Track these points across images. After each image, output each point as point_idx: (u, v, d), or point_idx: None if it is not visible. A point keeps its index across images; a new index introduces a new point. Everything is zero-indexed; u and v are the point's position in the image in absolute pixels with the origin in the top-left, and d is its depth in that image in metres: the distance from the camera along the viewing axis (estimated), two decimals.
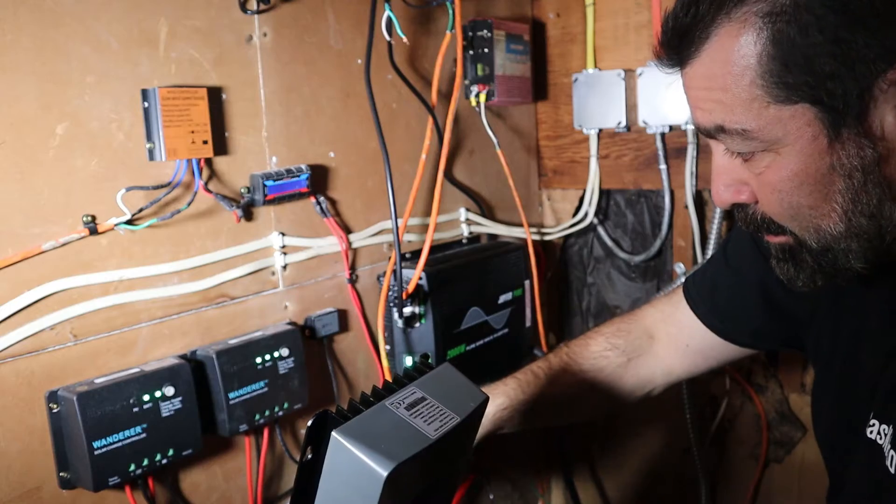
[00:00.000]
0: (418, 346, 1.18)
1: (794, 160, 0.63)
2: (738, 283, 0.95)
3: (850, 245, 0.65)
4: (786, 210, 0.66)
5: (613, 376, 1.04)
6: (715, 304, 0.98)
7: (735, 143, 0.65)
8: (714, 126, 0.66)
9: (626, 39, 1.46)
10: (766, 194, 0.67)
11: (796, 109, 0.61)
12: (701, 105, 0.66)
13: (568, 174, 1.59)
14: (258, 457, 1.07)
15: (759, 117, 0.62)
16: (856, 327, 0.78)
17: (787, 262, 0.70)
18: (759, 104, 0.62)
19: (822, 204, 0.64)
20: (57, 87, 0.85)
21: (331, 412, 0.66)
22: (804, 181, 0.64)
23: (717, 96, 0.64)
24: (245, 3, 1.02)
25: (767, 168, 0.65)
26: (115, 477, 0.87)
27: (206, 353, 0.97)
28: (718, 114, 0.65)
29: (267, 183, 1.03)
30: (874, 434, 0.72)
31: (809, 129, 0.61)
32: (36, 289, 0.85)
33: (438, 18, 1.30)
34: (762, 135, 0.63)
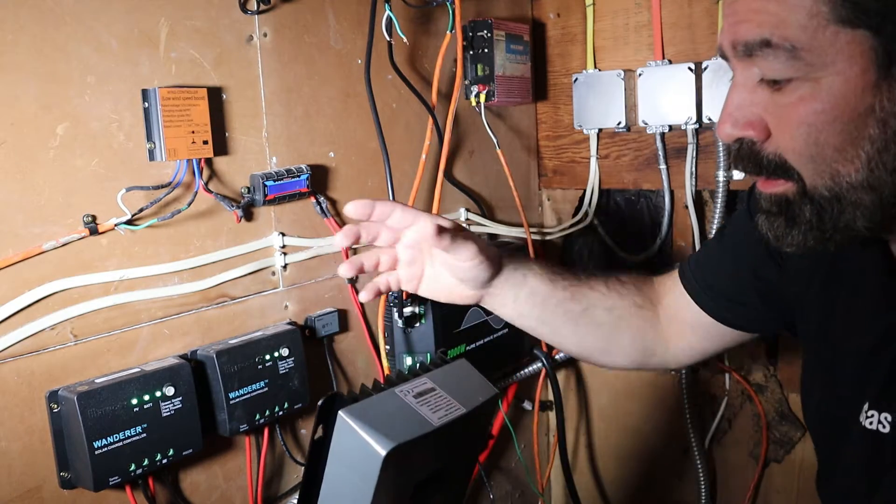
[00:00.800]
0: (418, 346, 1.18)
1: (834, 92, 0.58)
2: (733, 266, 0.92)
3: (863, 198, 0.61)
4: (809, 147, 0.61)
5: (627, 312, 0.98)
6: (708, 285, 0.95)
7: (777, 62, 0.60)
8: (760, 40, 0.60)
9: (626, 39, 1.46)
10: (790, 128, 0.62)
11: (856, 35, 0.57)
12: (750, 16, 0.60)
13: (568, 174, 1.59)
14: (258, 457, 1.07)
15: (813, 36, 0.57)
16: (848, 309, 0.77)
17: (780, 216, 0.66)
18: (818, 22, 0.57)
19: (848, 147, 0.60)
20: (57, 87, 0.85)
21: (341, 393, 0.68)
22: (838, 117, 0.59)
23: (773, 7, 0.59)
24: (245, 4, 1.02)
25: (801, 99, 0.60)
26: (116, 477, 0.87)
27: (207, 353, 0.97)
28: (768, 27, 0.59)
29: (267, 183, 1.03)
30: (874, 424, 0.70)
31: (861, 60, 0.57)
32: (36, 289, 0.85)
33: (438, 18, 1.30)
34: (811, 56, 0.58)
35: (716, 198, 1.38)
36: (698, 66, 1.37)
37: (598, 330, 0.98)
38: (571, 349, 1.01)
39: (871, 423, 0.71)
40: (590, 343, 0.99)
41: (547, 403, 1.65)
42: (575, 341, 0.99)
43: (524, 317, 0.96)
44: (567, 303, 0.96)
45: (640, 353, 1.00)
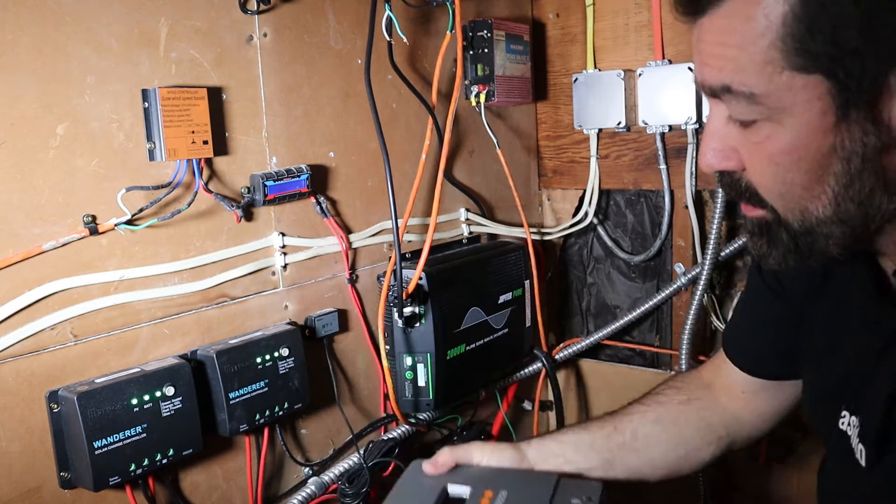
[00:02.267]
0: (418, 346, 1.18)
1: (796, 133, 0.60)
2: (758, 322, 0.95)
3: (833, 230, 0.63)
4: (777, 185, 0.64)
5: (675, 412, 0.98)
6: (744, 348, 0.97)
7: (739, 106, 0.62)
8: (720, 85, 0.62)
9: (626, 39, 1.46)
10: (759, 166, 0.64)
11: (810, 80, 0.58)
12: (711, 61, 0.62)
13: (568, 174, 1.59)
14: (258, 457, 1.07)
15: (770, 82, 0.59)
16: (836, 317, 0.79)
17: (762, 237, 0.68)
18: (772, 68, 0.58)
19: (814, 185, 0.62)
20: (57, 87, 0.85)
21: None
22: (802, 157, 0.61)
23: (731, 53, 0.60)
24: (245, 4, 1.02)
25: (767, 138, 0.62)
26: (116, 477, 0.87)
27: (207, 353, 0.97)
28: (728, 73, 0.61)
29: (267, 183, 1.03)
30: (844, 424, 0.73)
31: (819, 103, 0.58)
32: (36, 289, 0.85)
33: (438, 18, 1.30)
34: (769, 101, 0.60)
35: (716, 198, 1.38)
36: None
37: (659, 445, 0.98)
38: (655, 474, 1.01)
39: (843, 423, 0.73)
40: (663, 461, 0.99)
41: (547, 403, 1.65)
42: (650, 467, 1.00)
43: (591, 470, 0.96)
44: (614, 436, 0.97)
45: (716, 440, 0.99)
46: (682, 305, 1.49)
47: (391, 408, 1.18)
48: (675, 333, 1.53)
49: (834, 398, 0.76)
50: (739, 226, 1.47)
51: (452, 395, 1.26)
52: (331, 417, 1.19)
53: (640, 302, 1.53)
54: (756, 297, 0.95)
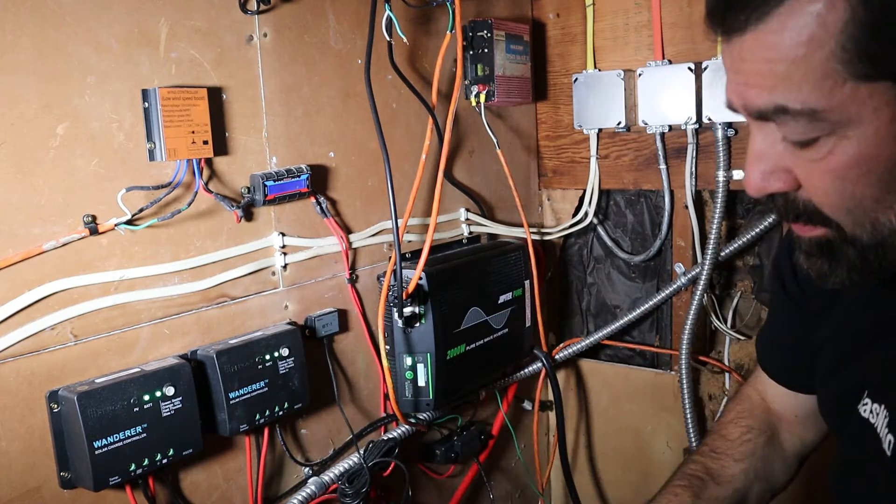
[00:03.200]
0: (418, 346, 1.18)
1: (864, 144, 0.55)
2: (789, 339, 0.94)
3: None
4: (845, 201, 0.59)
5: (766, 459, 0.99)
6: (783, 365, 0.96)
7: (798, 127, 0.57)
8: (773, 107, 0.56)
9: (626, 40, 1.46)
10: (822, 183, 0.59)
11: (877, 87, 0.53)
12: (757, 81, 0.57)
13: (568, 174, 1.59)
14: (258, 457, 1.07)
15: (831, 96, 0.54)
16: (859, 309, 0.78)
17: (822, 257, 0.64)
18: (833, 81, 0.53)
19: (885, 196, 0.57)
20: (57, 87, 0.85)
21: None
22: (872, 168, 0.56)
23: (783, 70, 0.55)
24: (245, 4, 1.02)
25: (830, 153, 0.57)
26: (116, 476, 0.87)
27: (207, 353, 0.97)
28: (781, 92, 0.55)
29: (267, 183, 1.03)
30: (867, 412, 0.72)
31: (888, 109, 0.54)
32: (36, 289, 0.85)
33: (438, 18, 1.30)
34: (833, 116, 0.55)
35: (716, 198, 1.38)
36: (698, 66, 1.37)
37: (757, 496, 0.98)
38: None
39: (864, 410, 0.72)
40: None
41: (547, 403, 1.65)
42: None
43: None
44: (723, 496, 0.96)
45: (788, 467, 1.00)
46: (682, 305, 1.49)
47: (391, 408, 1.18)
48: (675, 333, 1.53)
49: (853, 386, 0.75)
50: (739, 226, 1.47)
51: (452, 395, 1.26)
52: (331, 417, 1.19)
53: (640, 302, 1.53)
54: (782, 312, 0.95)
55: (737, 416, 1.01)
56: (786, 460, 1.00)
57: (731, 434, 1.00)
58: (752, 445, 0.98)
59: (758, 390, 1.02)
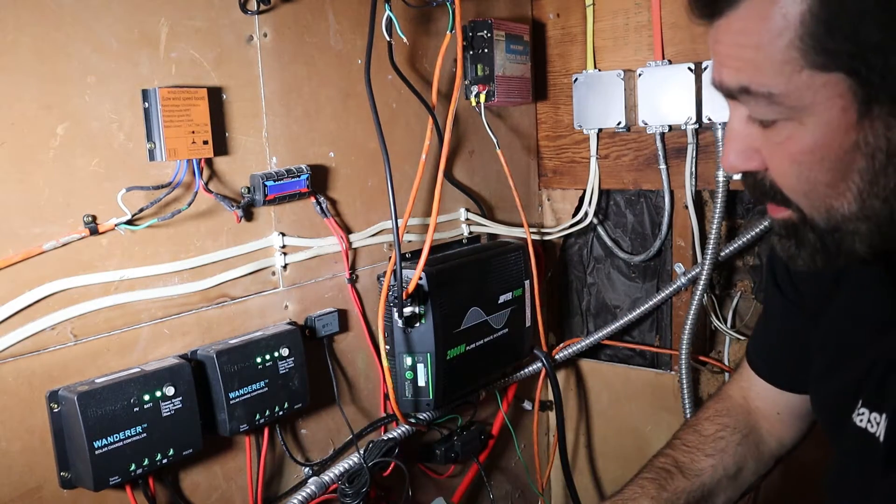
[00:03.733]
0: (418, 346, 1.18)
1: (818, 132, 0.59)
2: (782, 337, 0.95)
3: (859, 227, 0.62)
4: (801, 184, 0.63)
5: (739, 457, 0.99)
6: (774, 362, 0.97)
7: (758, 107, 0.61)
8: (739, 86, 0.61)
9: (626, 40, 1.46)
10: (782, 165, 0.63)
11: (830, 78, 0.57)
12: (728, 62, 0.62)
13: (568, 174, 1.59)
14: (258, 457, 1.07)
15: (788, 82, 0.58)
16: (853, 316, 0.78)
17: (789, 238, 0.68)
18: (791, 67, 0.58)
19: (838, 182, 0.61)
20: (58, 87, 0.85)
21: None
22: (825, 156, 0.60)
23: (749, 54, 0.60)
24: (245, 4, 1.02)
25: (788, 138, 0.61)
26: (116, 476, 0.87)
27: (207, 353, 0.97)
28: (746, 73, 0.60)
29: (267, 183, 1.03)
30: (864, 422, 0.72)
31: (840, 100, 0.57)
32: (36, 289, 0.85)
33: (438, 18, 1.30)
34: (789, 101, 0.59)
35: (716, 198, 1.38)
36: (698, 66, 1.37)
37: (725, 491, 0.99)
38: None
39: (861, 420, 0.72)
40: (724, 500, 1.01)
41: (547, 403, 1.65)
42: None
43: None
44: None
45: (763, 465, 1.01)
46: (682, 305, 1.49)
47: (391, 408, 1.18)
48: (674, 333, 1.53)
49: (848, 393, 0.75)
50: (739, 226, 1.47)
51: (452, 395, 1.26)
52: (331, 417, 1.19)
53: (640, 302, 1.53)
54: (776, 309, 0.95)
55: (714, 414, 1.02)
56: (759, 460, 1.00)
57: (706, 430, 1.01)
58: (724, 442, 0.99)
59: (741, 387, 1.02)
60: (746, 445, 0.99)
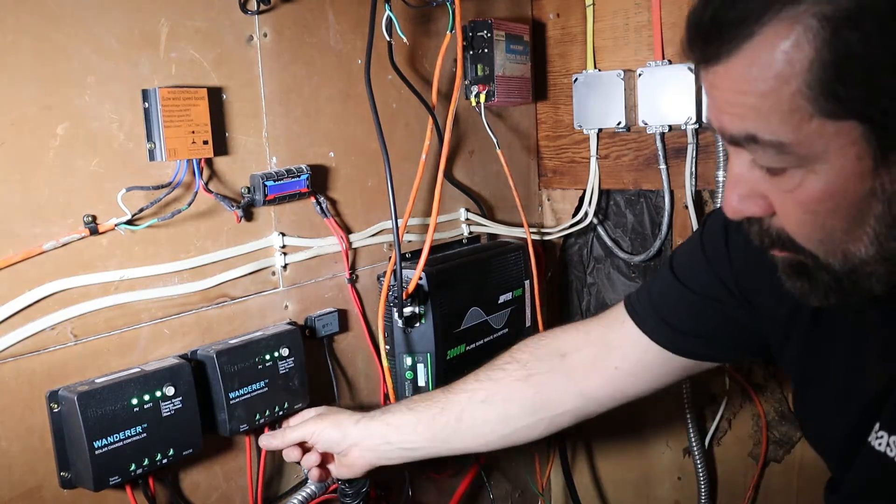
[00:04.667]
0: (418, 346, 1.18)
1: (831, 180, 0.57)
2: (690, 298, 0.91)
3: (877, 269, 0.60)
4: (815, 232, 0.60)
5: (508, 391, 0.98)
6: (664, 318, 0.93)
7: (766, 155, 0.58)
8: (744, 135, 0.58)
9: (626, 40, 1.46)
10: (794, 214, 0.60)
11: (842, 126, 0.54)
12: (730, 109, 0.59)
13: (568, 174, 1.59)
14: (258, 457, 1.07)
15: (798, 130, 0.55)
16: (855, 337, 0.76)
17: (800, 278, 0.65)
18: (800, 116, 0.55)
19: (855, 228, 0.58)
20: (58, 87, 0.85)
21: None
22: (840, 203, 0.57)
23: (753, 102, 0.56)
24: (245, 4, 1.02)
25: (799, 186, 0.58)
26: (116, 476, 0.87)
27: (207, 353, 0.97)
28: (751, 121, 0.57)
29: (267, 183, 1.03)
30: (883, 445, 0.69)
31: (854, 148, 0.55)
32: (36, 289, 0.85)
33: (438, 18, 1.30)
34: (800, 149, 0.56)
35: (716, 198, 1.38)
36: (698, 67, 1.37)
37: (485, 425, 0.99)
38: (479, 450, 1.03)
39: (880, 444, 0.70)
40: (486, 439, 1.01)
41: None
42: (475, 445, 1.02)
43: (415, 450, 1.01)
44: (439, 417, 0.99)
45: (549, 418, 0.99)
46: None
47: None
48: None
49: (862, 418, 0.73)
50: None
51: None
52: None
53: None
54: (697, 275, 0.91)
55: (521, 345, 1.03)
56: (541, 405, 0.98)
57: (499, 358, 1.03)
58: (501, 374, 1.01)
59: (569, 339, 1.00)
60: (526, 384, 0.98)
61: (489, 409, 0.99)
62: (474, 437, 1.00)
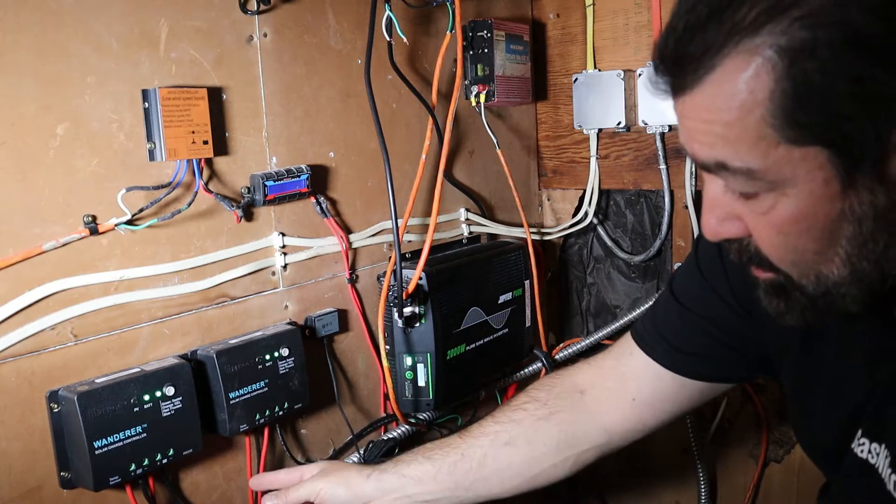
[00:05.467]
0: (418, 346, 1.18)
1: (802, 203, 0.58)
2: (695, 320, 0.92)
3: (851, 290, 0.61)
4: (788, 254, 0.62)
5: (531, 431, 0.96)
6: (672, 343, 0.94)
7: (738, 181, 0.60)
8: (714, 162, 0.60)
9: (626, 40, 1.46)
10: (767, 235, 0.62)
11: (808, 151, 0.56)
12: (699, 137, 0.60)
13: (568, 174, 1.59)
14: (258, 457, 1.07)
15: (766, 156, 0.57)
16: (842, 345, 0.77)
17: (778, 297, 0.66)
18: (767, 143, 0.56)
19: (826, 249, 0.60)
20: (57, 87, 0.85)
21: None
22: (812, 225, 0.59)
23: (720, 131, 0.58)
24: (245, 4, 1.02)
25: (771, 208, 0.60)
26: (116, 476, 0.87)
27: (207, 353, 0.97)
28: (720, 149, 0.59)
29: (267, 183, 1.03)
30: (865, 452, 0.70)
31: (821, 172, 0.56)
32: (36, 289, 0.85)
33: (438, 18, 1.30)
34: (769, 175, 0.57)
35: None
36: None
37: (510, 468, 0.96)
38: (504, 494, 0.99)
39: (862, 451, 0.71)
40: (511, 483, 0.98)
41: None
42: (499, 489, 0.98)
43: (437, 501, 0.96)
44: (460, 464, 0.96)
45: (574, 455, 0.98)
46: None
47: (391, 408, 1.18)
48: None
49: (846, 424, 0.74)
50: None
51: (452, 395, 1.27)
52: (331, 417, 1.19)
53: (640, 302, 1.53)
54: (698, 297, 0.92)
55: (538, 385, 1.02)
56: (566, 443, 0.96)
57: (515, 399, 1.01)
58: (523, 414, 0.98)
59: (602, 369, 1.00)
60: (549, 423, 0.96)
61: (514, 452, 0.96)
62: (500, 482, 0.97)
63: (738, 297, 0.88)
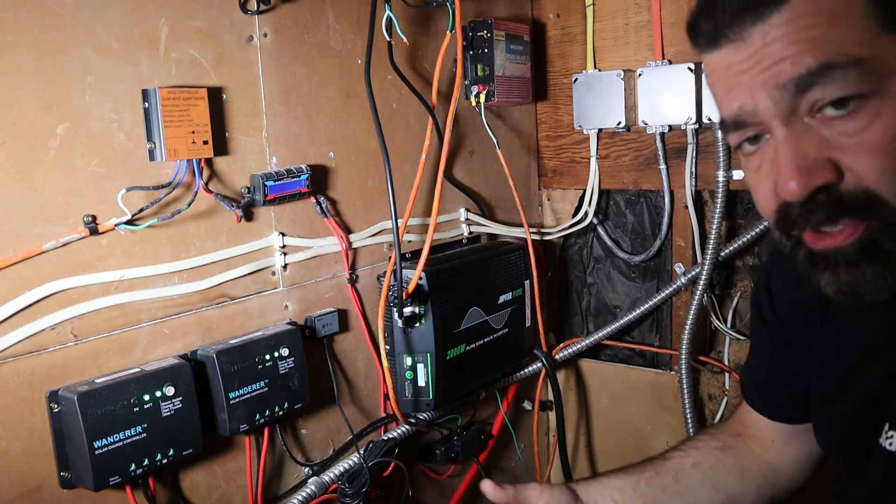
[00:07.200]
0: (418, 346, 1.18)
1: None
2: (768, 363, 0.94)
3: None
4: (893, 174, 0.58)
5: (713, 458, 0.98)
6: (763, 393, 0.97)
7: (846, 82, 0.56)
8: (818, 66, 0.57)
9: (626, 40, 1.46)
10: (867, 154, 0.58)
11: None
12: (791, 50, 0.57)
13: (568, 174, 1.59)
14: (258, 456, 1.07)
15: (873, 47, 0.56)
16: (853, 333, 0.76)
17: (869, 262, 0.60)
18: (871, 34, 0.56)
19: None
20: (57, 87, 0.85)
21: None
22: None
23: (823, 30, 0.56)
24: (245, 4, 1.02)
25: (874, 118, 0.57)
26: (116, 476, 0.87)
27: (207, 353, 0.97)
28: (823, 50, 0.56)
29: (267, 183, 1.03)
30: (894, 445, 0.69)
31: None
32: (36, 289, 0.85)
33: (438, 18, 1.30)
34: (878, 66, 0.56)
35: (715, 198, 1.38)
36: (698, 66, 1.37)
37: (701, 488, 0.97)
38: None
39: (891, 443, 0.70)
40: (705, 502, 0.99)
41: (547, 403, 1.65)
42: None
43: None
44: (656, 479, 0.97)
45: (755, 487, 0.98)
46: (682, 305, 1.49)
47: (391, 408, 1.18)
48: (674, 333, 1.53)
49: (870, 417, 0.73)
50: (739, 226, 1.47)
51: (452, 395, 1.26)
52: (331, 417, 1.19)
53: (640, 302, 1.53)
54: (762, 342, 0.96)
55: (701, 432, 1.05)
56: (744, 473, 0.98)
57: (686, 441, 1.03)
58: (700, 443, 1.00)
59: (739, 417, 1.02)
60: (726, 454, 0.98)
61: (701, 474, 0.98)
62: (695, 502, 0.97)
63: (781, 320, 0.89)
